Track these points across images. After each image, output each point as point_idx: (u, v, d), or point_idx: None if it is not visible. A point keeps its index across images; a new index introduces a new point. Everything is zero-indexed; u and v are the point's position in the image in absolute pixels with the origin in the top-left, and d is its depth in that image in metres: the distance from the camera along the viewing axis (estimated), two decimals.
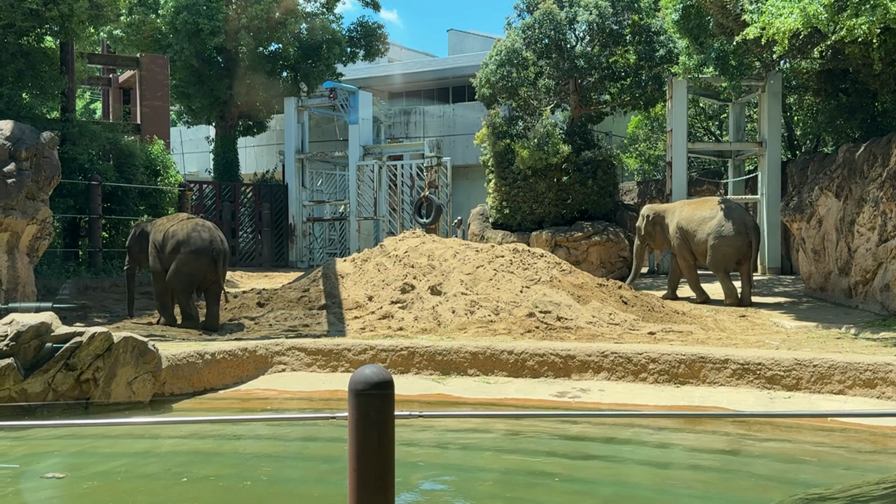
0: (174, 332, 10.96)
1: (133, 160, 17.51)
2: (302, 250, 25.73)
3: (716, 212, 14.83)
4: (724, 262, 14.53)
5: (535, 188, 20.01)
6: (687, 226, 15.08)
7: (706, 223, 14.79)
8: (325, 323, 11.24)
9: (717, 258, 14.55)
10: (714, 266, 14.57)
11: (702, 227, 14.82)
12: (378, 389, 3.12)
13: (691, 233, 14.96)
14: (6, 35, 15.96)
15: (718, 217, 14.71)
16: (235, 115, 26.33)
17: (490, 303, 11.26)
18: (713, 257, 14.57)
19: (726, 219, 14.61)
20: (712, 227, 14.67)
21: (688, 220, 15.10)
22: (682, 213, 15.29)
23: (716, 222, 14.68)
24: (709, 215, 14.85)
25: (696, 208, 15.21)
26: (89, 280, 15.66)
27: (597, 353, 8.56)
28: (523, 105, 20.78)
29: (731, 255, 14.38)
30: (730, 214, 14.68)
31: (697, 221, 14.93)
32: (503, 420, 7.46)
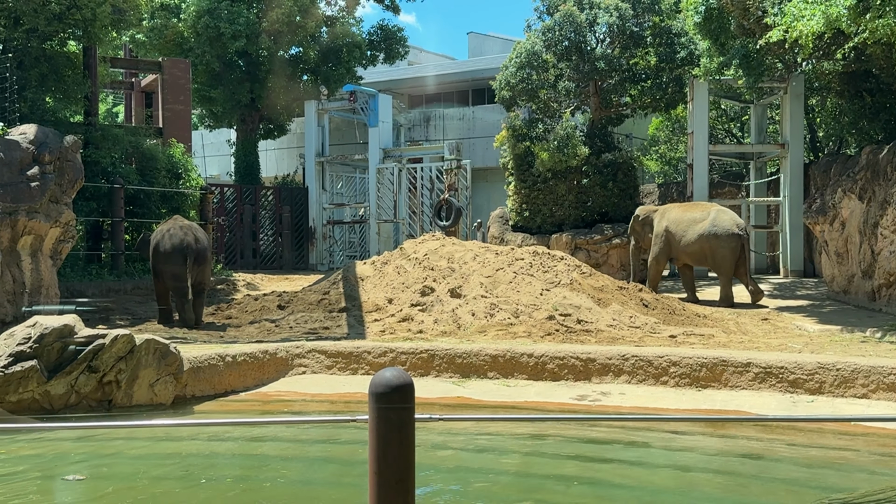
0: (196, 334, 11.03)
1: (155, 163, 17.64)
2: (322, 253, 25.82)
3: (707, 214, 15.05)
4: (725, 263, 14.63)
5: (555, 191, 19.97)
6: (675, 227, 15.25)
7: (696, 224, 14.99)
8: (345, 325, 11.26)
9: (717, 260, 14.73)
10: (716, 267, 14.70)
11: (692, 229, 15.01)
12: (398, 393, 3.12)
13: (679, 234, 15.15)
14: (30, 40, 16.14)
15: (711, 218, 14.90)
16: (256, 119, 26.47)
17: (510, 305, 11.24)
18: (713, 260, 14.75)
19: (719, 220, 14.79)
20: (705, 228, 14.84)
21: (676, 221, 15.28)
22: (671, 215, 15.50)
23: (708, 223, 14.85)
24: (699, 217, 15.06)
25: (685, 210, 15.44)
26: (112, 282, 15.78)
27: (617, 356, 8.52)
28: (543, 107, 20.74)
29: (729, 257, 14.51)
30: (720, 215, 14.90)
31: (687, 223, 15.12)
32: (523, 423, 7.44)
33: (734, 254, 14.50)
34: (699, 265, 15.72)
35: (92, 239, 17.21)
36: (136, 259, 17.08)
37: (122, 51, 24.56)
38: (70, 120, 17.83)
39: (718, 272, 14.78)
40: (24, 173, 11.35)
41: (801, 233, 18.85)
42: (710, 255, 14.56)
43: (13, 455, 6.41)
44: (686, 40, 19.64)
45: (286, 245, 25.45)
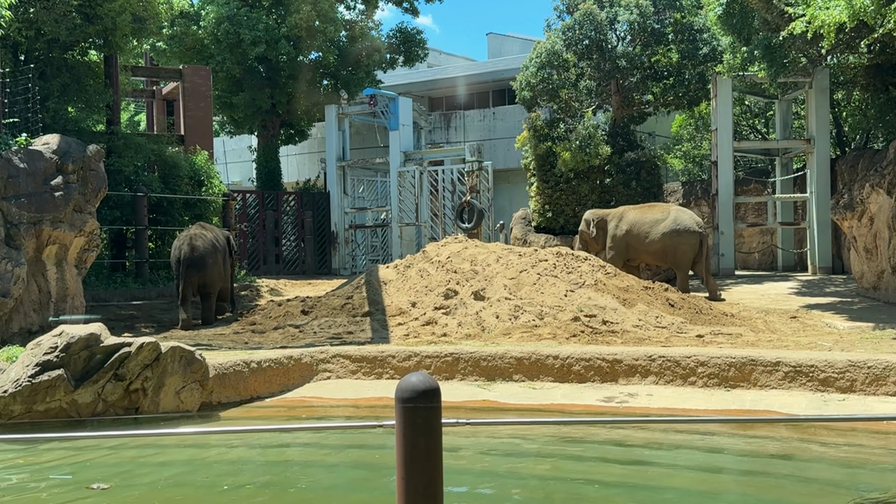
0: (221, 340, 11.10)
1: (177, 171, 17.77)
2: (344, 257, 25.90)
3: (667, 213, 15.56)
4: (685, 259, 15.20)
5: (578, 191, 19.91)
6: (637, 229, 15.63)
7: (658, 224, 15.46)
8: (368, 330, 11.29)
9: (677, 257, 15.22)
10: (676, 264, 15.16)
11: (655, 229, 15.47)
12: (425, 398, 3.12)
13: (642, 235, 15.55)
14: (51, 50, 16.32)
15: (672, 218, 15.41)
16: (277, 125, 26.60)
17: (534, 307, 11.22)
18: (673, 257, 15.22)
19: (678, 219, 15.36)
20: (667, 226, 15.33)
21: (637, 222, 15.66)
22: (629, 217, 15.88)
23: (670, 222, 15.35)
24: (661, 217, 15.53)
25: (644, 212, 15.84)
26: (136, 290, 15.91)
27: (644, 356, 8.47)
28: (564, 107, 20.69)
29: (688, 253, 15.11)
30: (681, 214, 15.47)
31: (649, 223, 15.56)
32: (550, 426, 7.42)
33: (693, 250, 15.17)
34: (659, 263, 16.19)
35: (116, 247, 17.36)
36: (161, 266, 17.21)
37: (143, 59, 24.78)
38: (92, 129, 18.01)
39: (677, 268, 15.35)
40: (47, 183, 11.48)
41: (828, 229, 18.66)
42: (672, 252, 15.12)
43: (41, 464, 6.48)
44: (708, 36, 19.52)
45: (309, 250, 25.55)
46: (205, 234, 13.96)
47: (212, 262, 13.67)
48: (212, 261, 13.67)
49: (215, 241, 14.11)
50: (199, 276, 13.49)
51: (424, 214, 24.63)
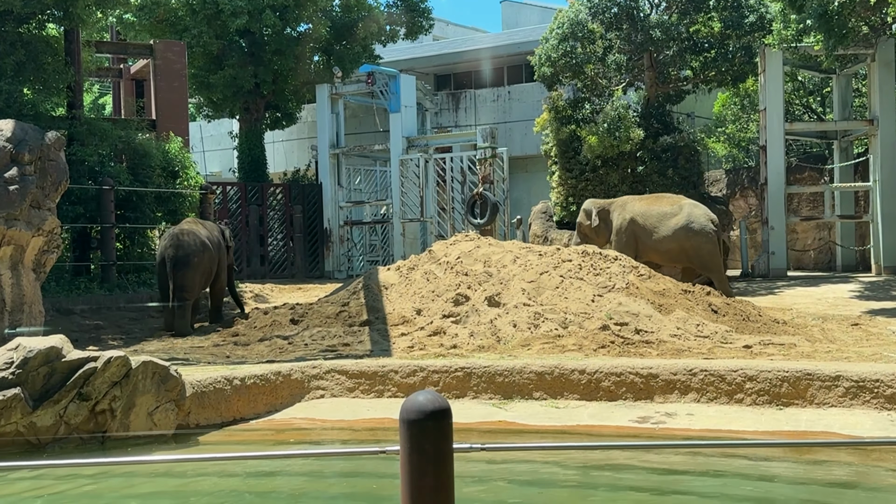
0: (199, 354, 11.12)
1: (148, 161, 17.82)
2: (339, 258, 25.95)
3: (678, 208, 15.55)
4: (715, 260, 15.24)
5: (606, 180, 19.89)
6: (643, 221, 15.66)
7: (668, 219, 15.49)
8: (367, 341, 11.30)
9: (703, 258, 15.21)
10: (706, 266, 15.14)
11: (663, 224, 15.48)
12: (433, 419, 3.11)
13: (649, 229, 15.58)
14: (4, 23, 16.37)
15: (683, 213, 15.42)
16: (261, 107, 26.66)
17: (557, 314, 11.21)
18: (699, 259, 15.20)
19: (692, 215, 15.38)
20: (678, 223, 15.36)
21: (643, 214, 15.69)
22: (634, 208, 15.89)
23: (682, 218, 15.37)
24: (670, 211, 15.54)
25: (650, 203, 15.86)
26: (103, 297, 15.96)
27: (683, 370, 8.46)
28: (590, 85, 20.67)
29: (714, 252, 15.14)
30: (694, 210, 15.49)
31: (657, 217, 15.59)
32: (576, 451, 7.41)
33: (717, 250, 15.24)
34: (672, 264, 16.05)
35: (79, 248, 17.43)
36: (130, 270, 17.27)
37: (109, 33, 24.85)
38: (52, 114, 18.07)
39: (708, 271, 15.47)
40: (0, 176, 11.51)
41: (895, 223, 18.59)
42: (695, 253, 14.97)
43: None
44: (755, 3, 19.47)
45: (298, 250, 25.61)
46: (196, 231, 14.23)
47: (196, 263, 13.87)
48: (197, 260, 13.87)
49: (208, 238, 14.38)
50: (181, 275, 13.76)
51: (430, 209, 24.65)
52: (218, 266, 14.57)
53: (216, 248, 14.52)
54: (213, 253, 14.40)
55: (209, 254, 14.23)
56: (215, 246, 14.51)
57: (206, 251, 14.13)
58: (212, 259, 14.35)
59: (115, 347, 11.36)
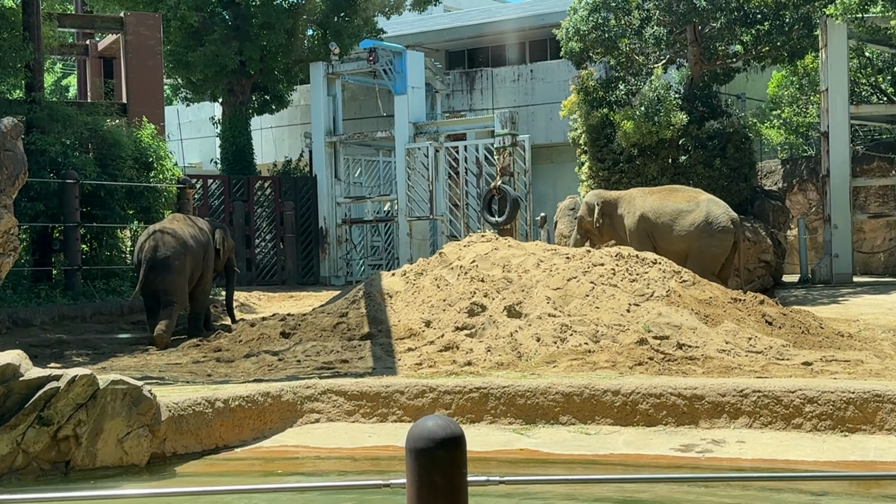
0: (176, 371, 11.15)
1: (118, 150, 17.85)
2: (337, 262, 25.97)
3: (694, 204, 15.73)
4: (712, 266, 15.43)
5: (644, 172, 19.86)
6: (656, 217, 15.84)
7: (683, 217, 15.69)
8: (369, 357, 11.31)
9: (704, 261, 15.31)
10: (701, 268, 15.14)
11: (678, 222, 15.69)
12: (445, 447, 3.11)
13: (662, 226, 15.77)
14: None
15: (701, 210, 15.61)
16: (247, 88, 26.71)
17: (587, 327, 11.20)
18: (700, 260, 15.30)
19: (710, 211, 15.55)
20: (694, 221, 15.56)
21: (655, 210, 15.89)
22: (646, 203, 16.08)
23: (699, 216, 15.57)
24: (685, 207, 15.73)
25: (664, 197, 16.03)
26: (66, 307, 16.00)
27: (733, 391, 8.44)
28: (625, 62, 20.64)
29: (719, 257, 15.37)
30: (713, 207, 15.65)
31: (670, 214, 15.79)
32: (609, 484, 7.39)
33: (724, 254, 15.48)
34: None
35: (39, 251, 17.48)
36: (98, 276, 17.31)
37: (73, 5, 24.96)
38: (7, 97, 18.17)
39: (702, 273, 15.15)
40: None
41: None
42: (698, 254, 15.15)
43: None
44: None
45: (289, 253, 25.64)
46: (176, 230, 14.52)
47: (178, 265, 14.18)
48: (178, 263, 14.18)
49: (192, 237, 14.64)
50: (161, 278, 14.07)
51: (441, 205, 24.66)
52: (203, 268, 14.84)
53: (201, 249, 14.77)
54: (197, 253, 14.63)
55: (192, 255, 14.46)
56: (200, 246, 14.75)
57: (187, 252, 14.36)
58: (195, 260, 14.58)
59: (80, 364, 11.39)
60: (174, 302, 14.19)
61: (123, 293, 16.93)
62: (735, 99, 24.98)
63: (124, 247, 18.66)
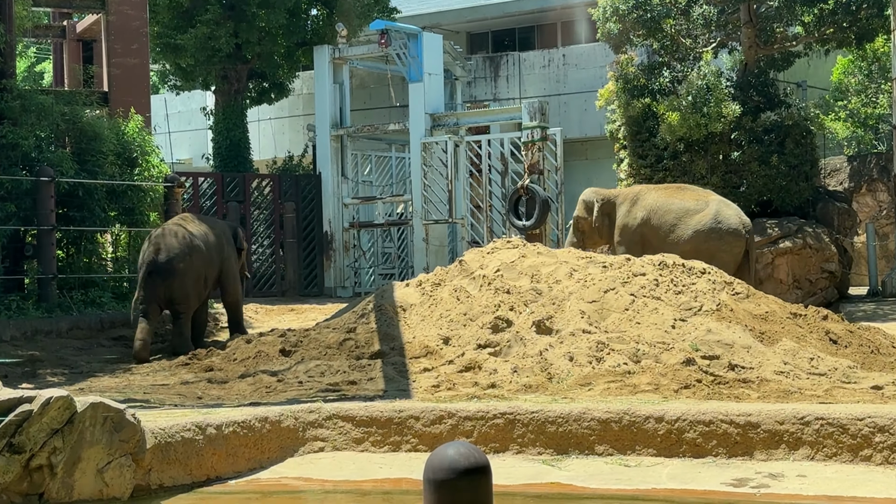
0: (163, 394, 11.17)
1: (99, 145, 17.90)
2: (343, 271, 26.00)
3: (705, 203, 15.80)
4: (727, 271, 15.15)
5: (691, 170, 19.83)
6: (659, 218, 15.91)
7: (689, 217, 15.74)
8: (380, 379, 11.31)
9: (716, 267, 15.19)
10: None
11: (683, 223, 15.75)
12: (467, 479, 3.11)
13: (665, 227, 15.84)
14: None
15: (710, 210, 15.68)
16: (244, 75, 26.79)
17: (626, 345, 11.18)
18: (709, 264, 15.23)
19: (720, 214, 15.64)
20: (702, 223, 15.63)
21: (659, 210, 15.95)
22: (648, 200, 16.16)
23: (707, 218, 15.64)
24: (693, 207, 15.79)
25: (670, 195, 16.10)
26: (39, 320, 16.03)
27: (793, 418, 8.40)
28: (670, 46, 20.63)
29: (729, 265, 15.18)
30: (724, 208, 15.77)
31: (675, 214, 15.83)
32: None
33: (736, 261, 15.48)
34: None
35: (10, 258, 17.52)
36: (76, 285, 17.34)
37: None
38: None
39: None
40: None
41: None
42: (706, 259, 15.04)
43: None
44: None
45: (290, 260, 25.67)
46: (186, 230, 14.89)
47: (183, 268, 14.56)
48: (183, 266, 14.57)
49: (202, 238, 15.05)
50: (166, 285, 14.49)
51: (461, 207, 24.66)
52: (221, 272, 15.42)
53: (214, 250, 15.24)
54: (207, 255, 15.04)
55: (200, 257, 14.84)
56: (212, 247, 15.18)
57: (193, 254, 14.72)
58: (206, 263, 14.99)
59: (55, 385, 11.42)
60: (182, 311, 14.67)
61: (104, 305, 16.98)
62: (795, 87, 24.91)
63: (105, 253, 18.72)
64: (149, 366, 13.72)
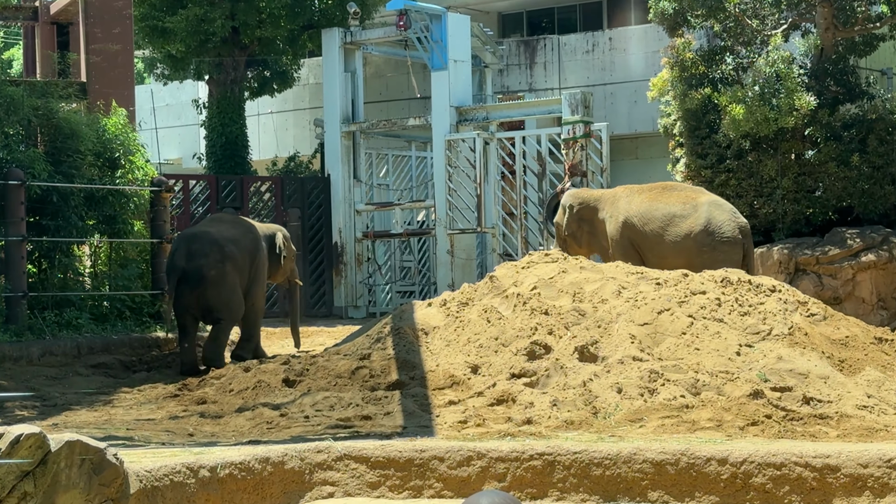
0: (149, 430, 11.18)
1: (76, 143, 17.95)
2: (356, 288, 25.99)
3: (692, 207, 16.02)
4: None
5: (758, 171, 19.77)
6: (643, 223, 16.15)
7: (677, 223, 15.99)
8: (398, 413, 11.30)
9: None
10: None
11: (670, 230, 16.00)
12: None
13: (651, 234, 16.06)
14: None
15: (700, 215, 15.89)
16: (242, 63, 26.85)
17: (684, 374, 11.15)
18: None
19: (711, 218, 15.84)
20: (691, 229, 15.84)
21: (644, 215, 16.20)
22: (632, 204, 16.42)
23: (698, 223, 15.86)
24: (679, 211, 16.04)
25: (654, 198, 16.35)
26: (8, 345, 16.05)
27: (878, 460, 8.37)
28: (734, 28, 20.57)
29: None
30: (715, 211, 15.93)
31: (662, 218, 16.08)
32: None
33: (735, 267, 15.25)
34: None
35: None
36: (48, 305, 17.36)
37: None
38: None
39: None
40: None
41: None
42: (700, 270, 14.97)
43: None
44: None
45: None
46: (214, 232, 15.40)
47: (216, 275, 15.09)
48: (216, 273, 15.10)
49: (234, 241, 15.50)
50: (199, 293, 15.11)
51: (492, 214, 24.64)
52: (251, 279, 15.84)
53: (247, 255, 15.69)
54: (240, 260, 15.49)
55: (233, 262, 15.33)
56: (245, 251, 15.64)
57: (226, 259, 15.21)
58: (238, 269, 15.42)
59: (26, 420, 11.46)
60: (221, 318, 15.19)
61: (81, 328, 16.93)
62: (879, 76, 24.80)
63: (82, 267, 18.72)
64: (133, 398, 13.74)
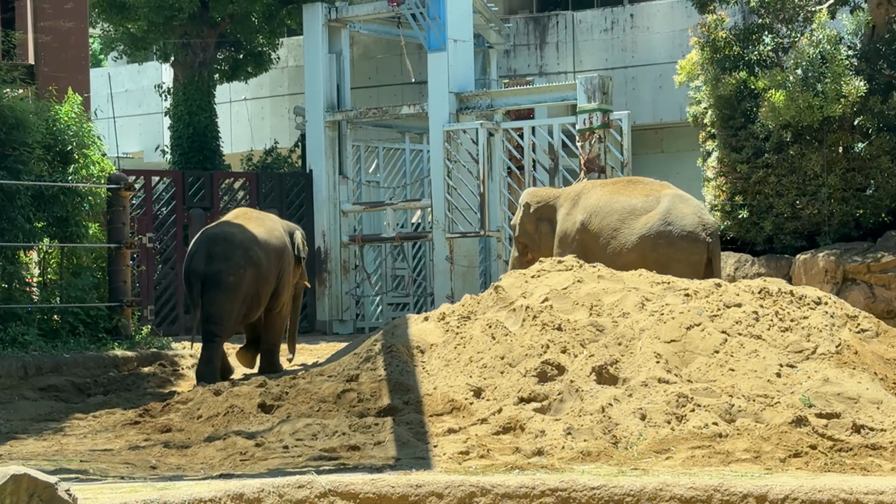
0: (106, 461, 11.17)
1: (22, 135, 17.98)
2: (341, 299, 26.03)
3: (655, 200, 16.19)
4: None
5: (801, 166, 19.79)
6: (598, 221, 16.34)
7: (634, 217, 16.11)
8: (390, 443, 11.31)
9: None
10: None
11: (627, 226, 16.11)
12: None
13: (605, 232, 16.24)
14: None
15: (663, 210, 16.01)
16: (212, 43, 26.87)
17: (716, 399, 11.16)
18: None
19: (672, 213, 15.97)
20: (647, 223, 15.98)
21: (599, 210, 16.40)
22: (589, 201, 16.60)
23: (655, 217, 15.98)
24: (640, 206, 16.18)
25: (615, 193, 16.57)
26: None
27: None
28: (772, 3, 20.60)
29: (688, 274, 15.16)
30: (678, 204, 16.14)
31: (619, 214, 16.23)
32: None
33: (696, 273, 15.43)
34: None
35: None
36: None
37: None
38: None
39: None
40: None
41: None
42: (659, 271, 15.00)
43: None
44: None
45: None
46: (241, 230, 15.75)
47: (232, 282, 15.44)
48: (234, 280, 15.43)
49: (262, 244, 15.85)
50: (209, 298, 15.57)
51: (496, 215, 24.66)
52: (279, 284, 16.14)
53: (275, 258, 16.04)
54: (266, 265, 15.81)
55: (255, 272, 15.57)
56: (274, 254, 16.00)
57: (248, 267, 15.44)
58: (262, 276, 15.67)
59: None
60: (216, 333, 15.44)
61: (28, 345, 16.90)
62: None
63: (29, 275, 18.73)
64: (87, 425, 13.72)
